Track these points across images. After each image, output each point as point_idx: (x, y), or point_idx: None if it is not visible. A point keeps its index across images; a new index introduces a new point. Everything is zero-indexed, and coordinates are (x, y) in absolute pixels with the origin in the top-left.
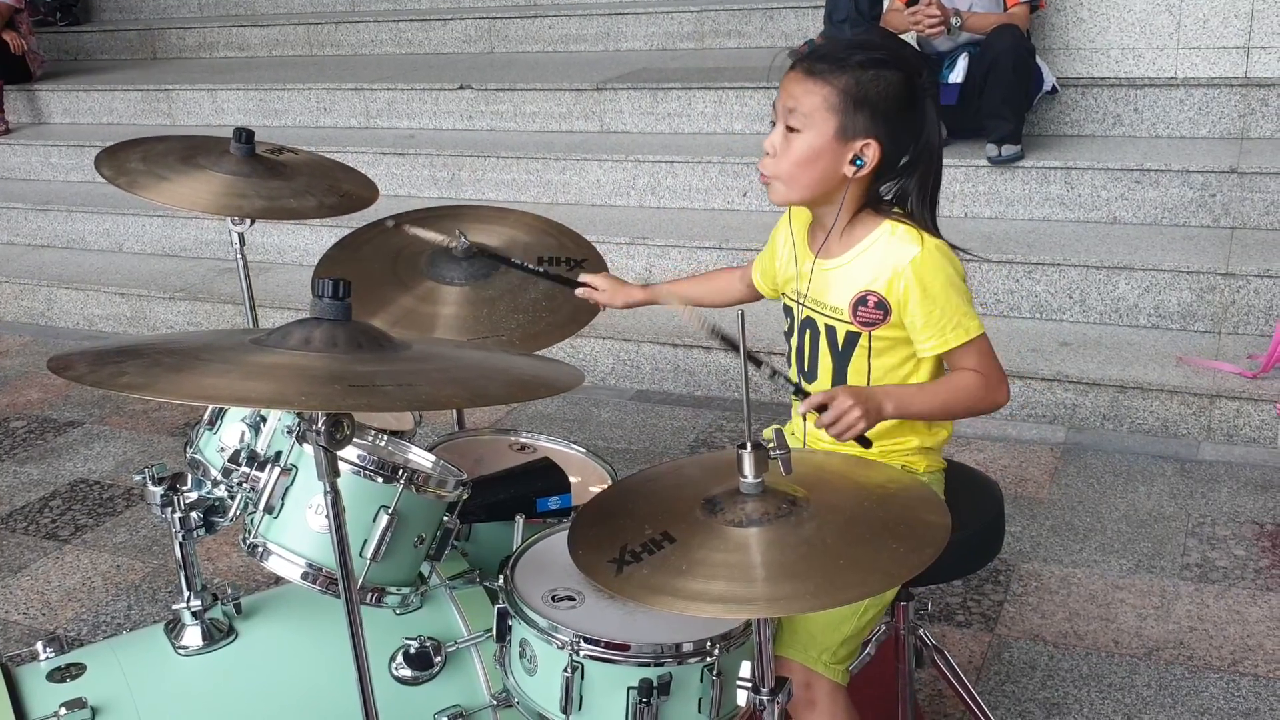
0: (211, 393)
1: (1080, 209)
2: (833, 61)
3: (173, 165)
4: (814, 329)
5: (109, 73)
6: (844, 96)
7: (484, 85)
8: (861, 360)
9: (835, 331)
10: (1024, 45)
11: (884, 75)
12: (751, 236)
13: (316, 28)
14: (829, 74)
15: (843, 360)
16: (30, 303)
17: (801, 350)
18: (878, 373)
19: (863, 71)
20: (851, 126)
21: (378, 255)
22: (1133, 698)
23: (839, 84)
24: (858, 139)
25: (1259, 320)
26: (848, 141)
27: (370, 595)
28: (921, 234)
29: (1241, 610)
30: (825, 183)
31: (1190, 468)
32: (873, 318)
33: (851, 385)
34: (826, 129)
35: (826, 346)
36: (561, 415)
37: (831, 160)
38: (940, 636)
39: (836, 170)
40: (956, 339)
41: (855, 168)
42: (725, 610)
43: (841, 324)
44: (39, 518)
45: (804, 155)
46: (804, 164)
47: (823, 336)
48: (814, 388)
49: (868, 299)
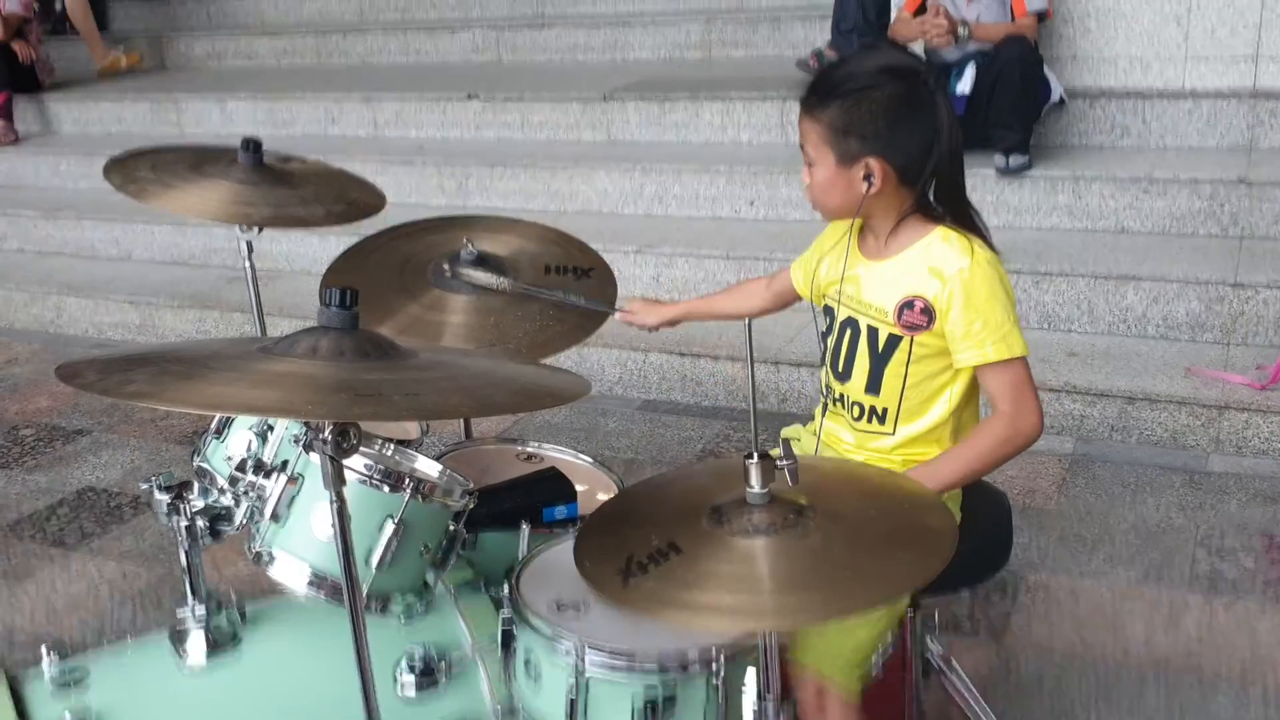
0: (219, 401)
1: (1088, 219)
2: (821, 95)
3: (181, 174)
4: (855, 329)
5: (118, 82)
6: (832, 130)
7: (492, 95)
8: (900, 365)
9: (878, 333)
10: (1032, 55)
11: (869, 96)
12: (758, 245)
13: (325, 37)
14: (819, 109)
15: (880, 363)
16: (39, 310)
17: (839, 350)
18: (914, 378)
19: (843, 101)
20: (847, 153)
21: (385, 264)
22: (1142, 710)
23: (825, 119)
24: (856, 162)
25: (1268, 331)
26: (850, 167)
27: (375, 604)
28: (973, 245)
29: (1251, 622)
30: (850, 202)
31: (1199, 479)
32: (917, 322)
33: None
34: (829, 160)
35: (866, 348)
36: (568, 424)
37: (844, 185)
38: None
39: (853, 191)
40: (997, 354)
41: (868, 185)
42: (734, 623)
43: (885, 326)
44: (46, 525)
45: (822, 185)
46: (825, 191)
47: (863, 337)
48: (848, 388)
49: (914, 303)
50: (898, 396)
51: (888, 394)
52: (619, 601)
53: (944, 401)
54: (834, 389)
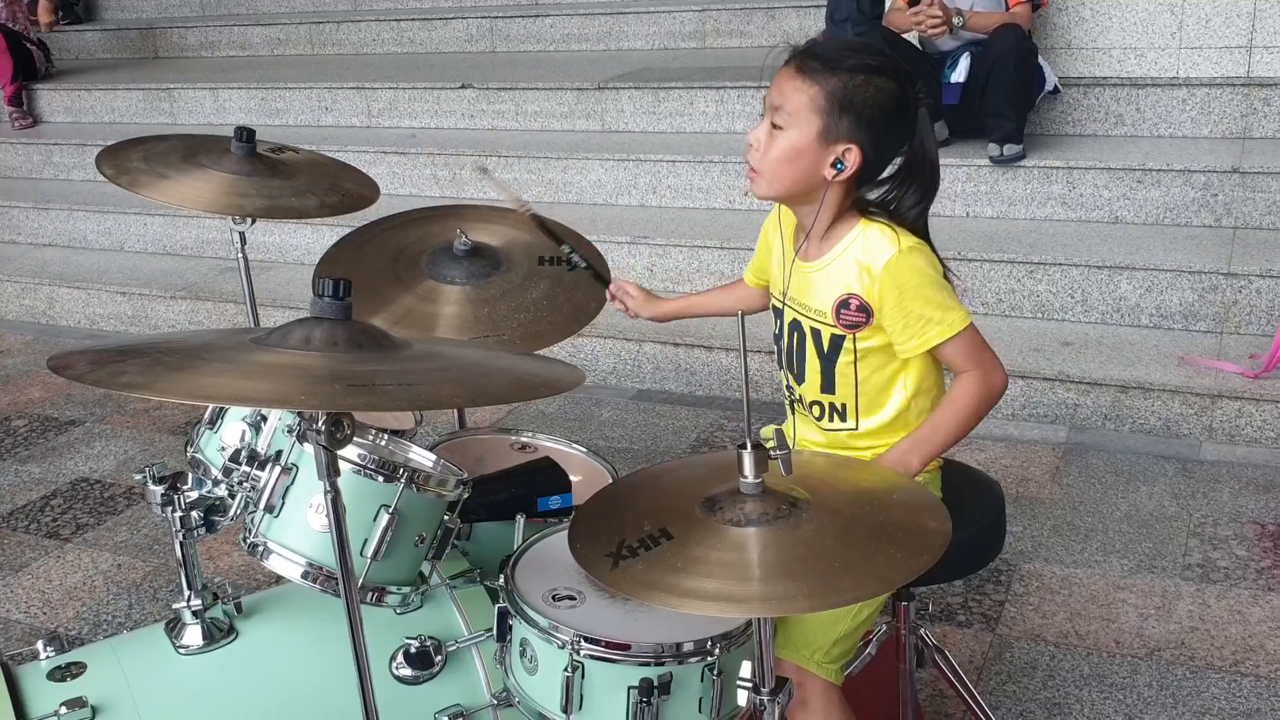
0: (212, 392)
1: (1082, 209)
2: (825, 61)
3: (174, 164)
4: (800, 331)
5: (111, 72)
6: (830, 99)
7: (486, 84)
8: (848, 363)
9: (821, 334)
10: (1026, 45)
11: (875, 82)
12: (753, 236)
13: (318, 27)
14: (819, 74)
15: (829, 363)
16: (31, 302)
17: (790, 352)
18: (865, 372)
19: (852, 76)
20: (835, 130)
21: (378, 254)
22: (1134, 698)
23: (827, 85)
24: (840, 143)
25: (1261, 320)
26: (829, 144)
27: (371, 594)
28: (898, 234)
29: (1243, 610)
30: (804, 182)
31: (1192, 468)
32: (855, 320)
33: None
34: (810, 130)
35: (813, 349)
36: (562, 414)
37: (812, 161)
38: (941, 636)
39: (816, 172)
40: (940, 335)
41: (835, 171)
42: (719, 608)
43: (826, 327)
44: (40, 516)
45: (785, 153)
46: (785, 161)
47: (809, 339)
48: (803, 390)
49: (850, 302)
50: (853, 392)
51: (843, 391)
52: (607, 584)
53: (900, 389)
54: (794, 390)
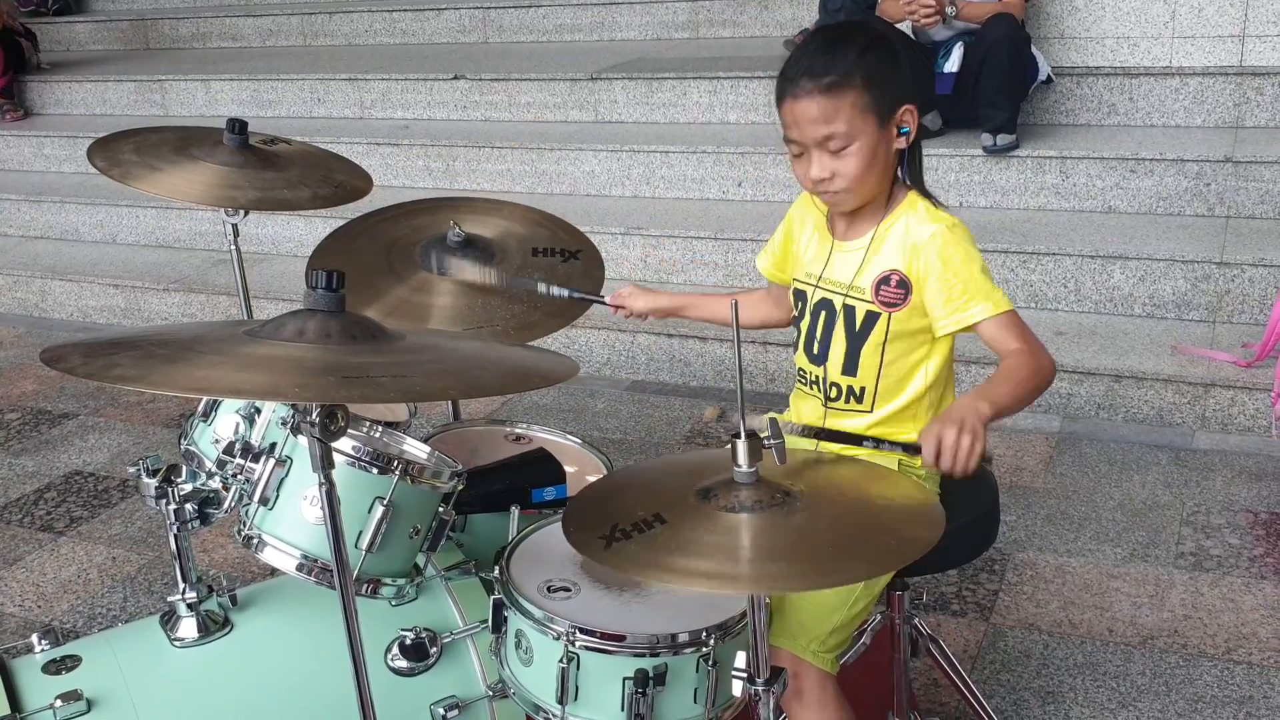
0: (205, 384)
1: (1075, 198)
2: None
3: (166, 156)
4: (830, 310)
5: (102, 64)
6: (864, 92)
7: (479, 75)
8: (877, 344)
9: (854, 312)
10: (1019, 34)
11: (876, 47)
12: (746, 227)
13: (310, 18)
14: (841, 84)
15: (858, 342)
16: (24, 294)
17: (813, 333)
18: (891, 355)
19: (862, 55)
20: (885, 108)
21: (372, 246)
22: (1127, 686)
23: (856, 83)
24: (894, 113)
25: (1253, 309)
26: (888, 122)
27: (366, 586)
28: (941, 212)
29: (1235, 598)
30: (888, 170)
31: (1185, 456)
32: (894, 297)
33: (941, 415)
34: (869, 128)
35: (843, 328)
36: (557, 406)
37: (885, 149)
38: (935, 625)
39: (889, 155)
40: (984, 313)
41: (904, 137)
42: (709, 586)
43: (862, 303)
44: (34, 509)
45: (865, 162)
46: (868, 168)
47: (840, 318)
48: (821, 372)
49: (891, 278)
50: (875, 375)
51: (865, 373)
52: (599, 562)
53: (920, 377)
54: (809, 372)
